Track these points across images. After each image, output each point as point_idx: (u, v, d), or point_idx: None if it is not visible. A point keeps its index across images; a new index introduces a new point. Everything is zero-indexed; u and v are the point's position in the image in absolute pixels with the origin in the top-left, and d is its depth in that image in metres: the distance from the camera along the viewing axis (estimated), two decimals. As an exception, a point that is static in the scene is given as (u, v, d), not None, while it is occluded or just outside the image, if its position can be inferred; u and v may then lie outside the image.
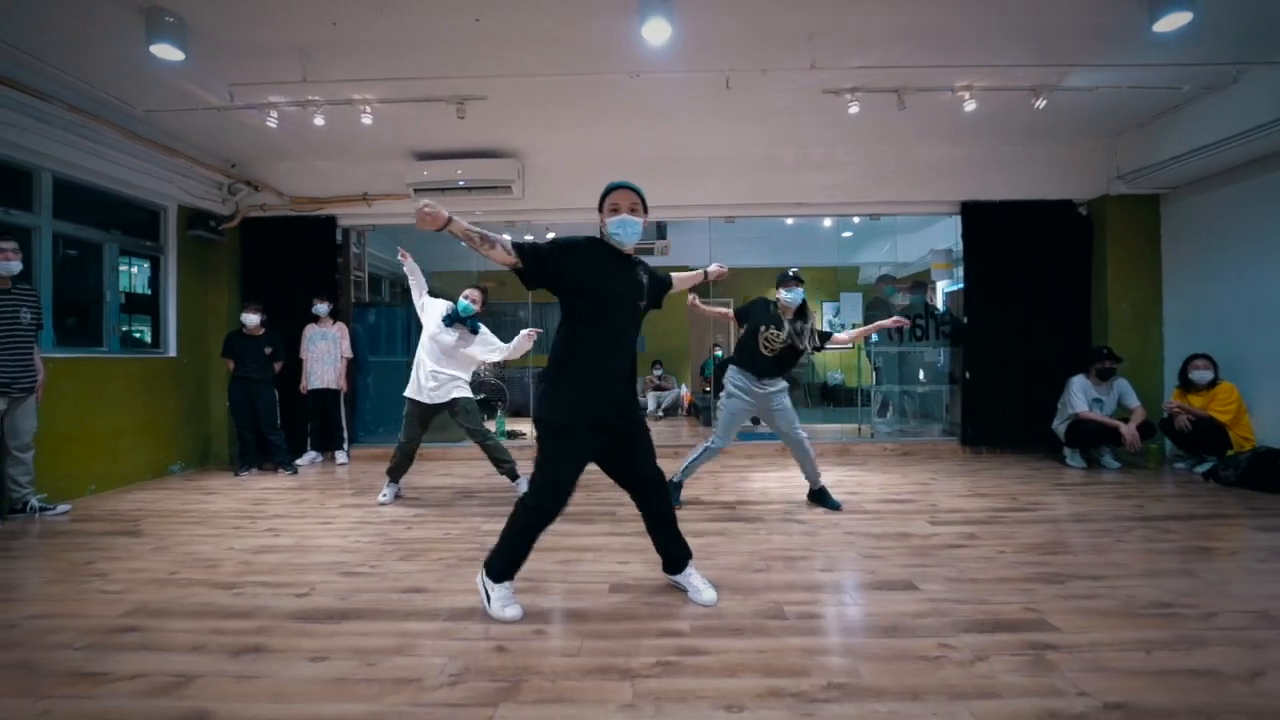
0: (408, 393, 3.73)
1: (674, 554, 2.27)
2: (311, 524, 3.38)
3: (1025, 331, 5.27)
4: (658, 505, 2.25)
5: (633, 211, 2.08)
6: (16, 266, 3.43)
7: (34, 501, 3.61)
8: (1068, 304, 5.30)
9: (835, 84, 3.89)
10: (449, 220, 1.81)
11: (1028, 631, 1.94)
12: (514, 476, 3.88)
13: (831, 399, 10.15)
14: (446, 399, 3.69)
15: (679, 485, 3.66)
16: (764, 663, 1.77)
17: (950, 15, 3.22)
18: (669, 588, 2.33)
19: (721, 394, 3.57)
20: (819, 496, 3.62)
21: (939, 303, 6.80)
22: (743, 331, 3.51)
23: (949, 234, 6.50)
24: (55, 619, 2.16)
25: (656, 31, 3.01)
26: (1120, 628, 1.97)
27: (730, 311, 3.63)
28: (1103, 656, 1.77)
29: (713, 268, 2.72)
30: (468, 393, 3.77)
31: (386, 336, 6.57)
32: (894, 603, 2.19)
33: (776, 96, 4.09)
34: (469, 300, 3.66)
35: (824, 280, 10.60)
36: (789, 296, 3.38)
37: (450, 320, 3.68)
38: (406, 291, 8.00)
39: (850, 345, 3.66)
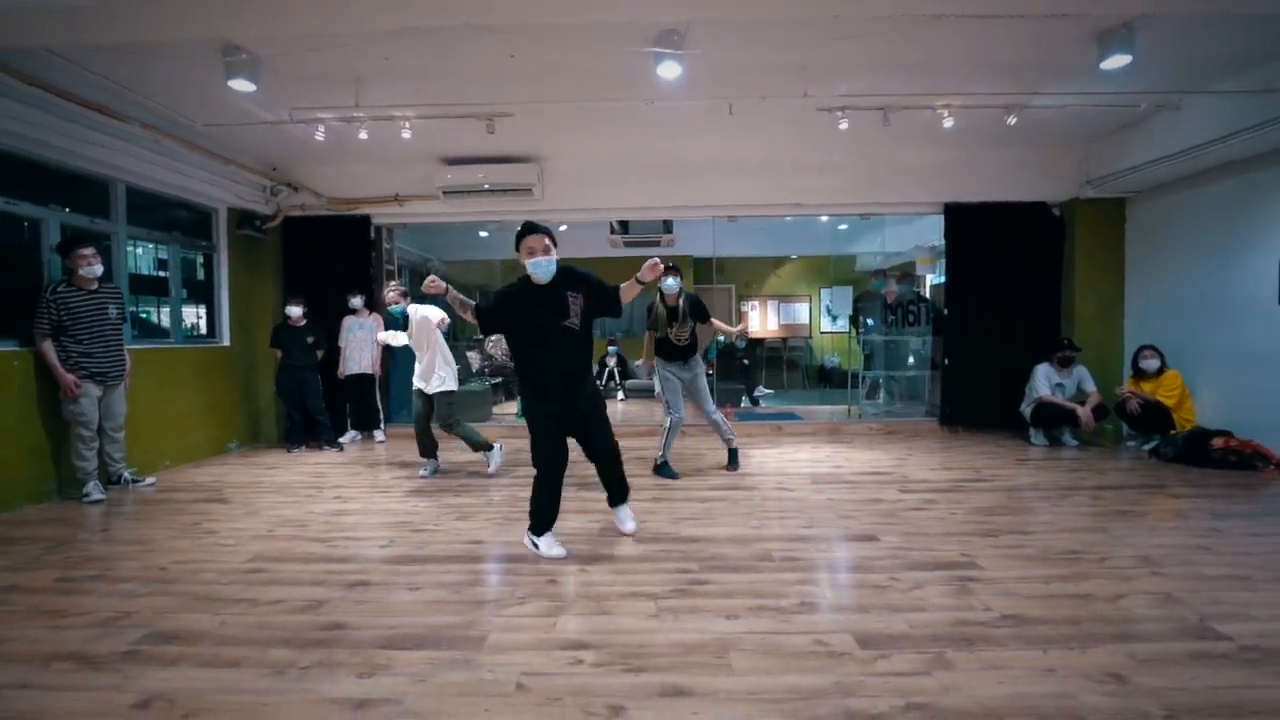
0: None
1: (614, 493, 3.00)
2: (371, 492, 3.95)
3: (999, 322, 5.78)
4: (609, 468, 2.93)
5: (546, 252, 2.60)
6: (99, 269, 3.91)
7: (127, 475, 4.18)
8: (1039, 298, 5.81)
9: (827, 104, 4.35)
10: (447, 289, 2.59)
11: (959, 569, 2.51)
12: (488, 448, 4.44)
13: (827, 381, 10.70)
14: (431, 390, 4.25)
15: (665, 463, 4.23)
16: (754, 589, 2.34)
17: (925, 51, 3.67)
18: (682, 539, 2.90)
19: (660, 381, 4.28)
20: (733, 456, 4.38)
21: (926, 293, 7.30)
22: (654, 334, 4.20)
23: (937, 227, 6.97)
24: (194, 564, 2.73)
25: (669, 70, 3.48)
26: (1032, 568, 2.53)
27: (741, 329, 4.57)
28: (1011, 586, 2.34)
29: (644, 269, 2.67)
30: (445, 388, 4.27)
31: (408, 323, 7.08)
32: (858, 550, 2.76)
33: (774, 116, 4.56)
34: (395, 304, 4.38)
35: (821, 269, 11.09)
36: (668, 284, 4.05)
37: (404, 328, 4.39)
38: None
39: (722, 334, 4.53)
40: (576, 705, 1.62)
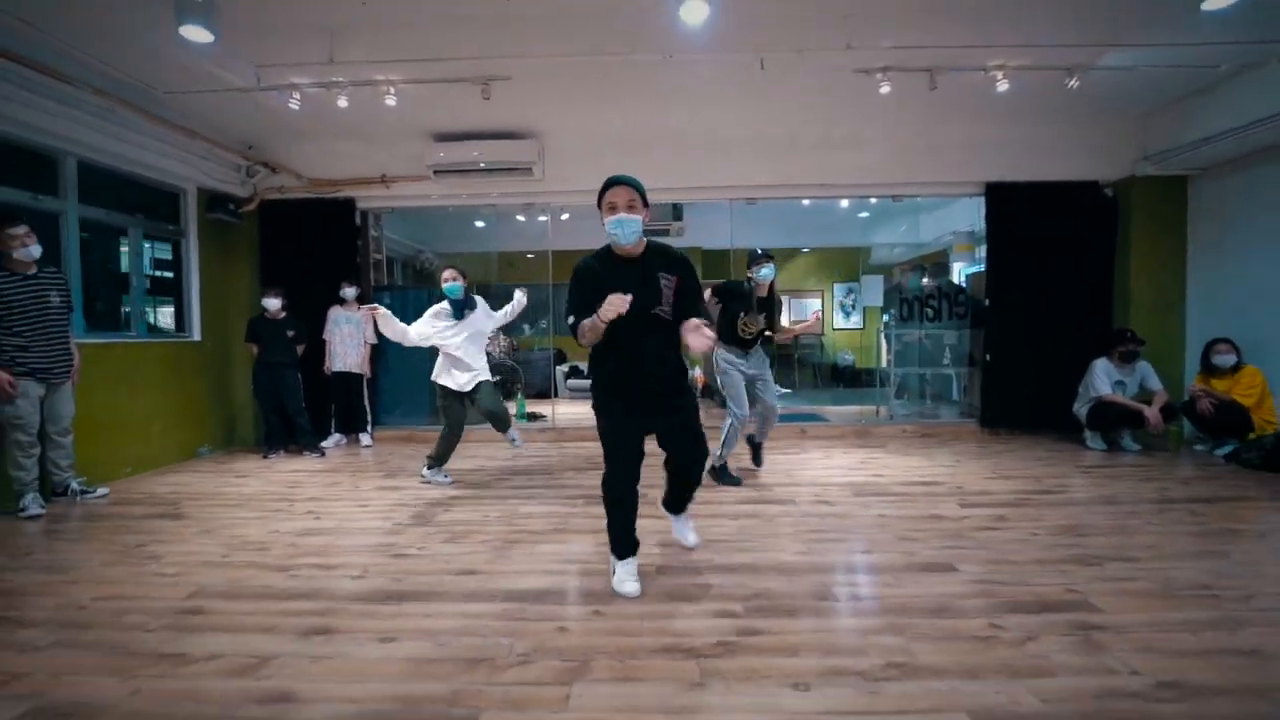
0: (441, 380, 3.78)
1: (674, 504, 2.59)
2: (349, 506, 3.45)
3: (1046, 314, 5.26)
4: (685, 482, 2.46)
5: (630, 209, 2.03)
6: (36, 250, 3.38)
7: (74, 485, 3.67)
8: (1090, 286, 5.29)
9: (868, 64, 3.84)
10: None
11: (1072, 612, 2.00)
12: (505, 428, 3.91)
13: (841, 380, 10.18)
14: (472, 386, 3.77)
15: (724, 468, 3.75)
16: (821, 642, 1.83)
17: (989, -8, 3.17)
18: (717, 569, 2.39)
19: (717, 373, 3.81)
20: (756, 453, 4.08)
21: (958, 282, 6.78)
22: (720, 312, 3.73)
23: (965, 214, 6.46)
24: (122, 600, 2.23)
25: (694, 13, 2.98)
26: (1162, 609, 2.02)
27: (813, 322, 4.22)
28: (1149, 637, 1.83)
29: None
30: (487, 375, 3.84)
31: (403, 319, 6.54)
32: (937, 584, 2.25)
33: (808, 77, 4.04)
34: (453, 281, 3.70)
35: (834, 263, 10.58)
36: (765, 273, 3.63)
37: (459, 313, 3.73)
38: (420, 274, 8.04)
39: (789, 338, 4.26)
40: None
